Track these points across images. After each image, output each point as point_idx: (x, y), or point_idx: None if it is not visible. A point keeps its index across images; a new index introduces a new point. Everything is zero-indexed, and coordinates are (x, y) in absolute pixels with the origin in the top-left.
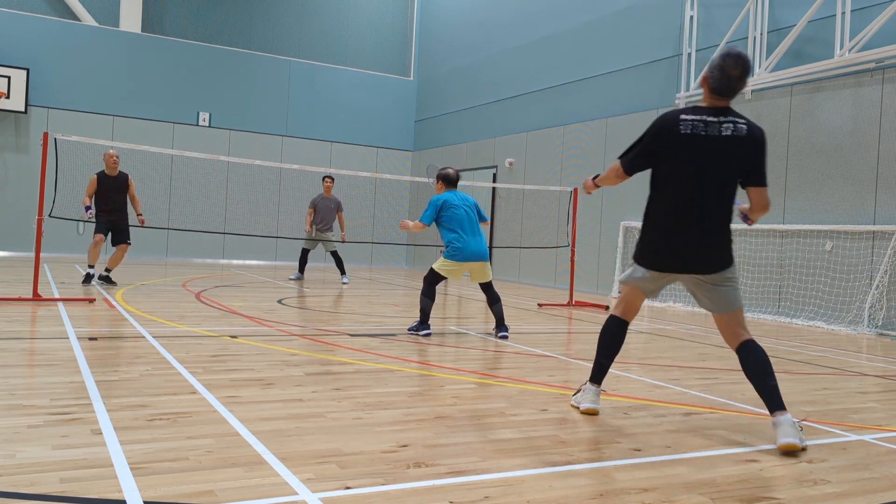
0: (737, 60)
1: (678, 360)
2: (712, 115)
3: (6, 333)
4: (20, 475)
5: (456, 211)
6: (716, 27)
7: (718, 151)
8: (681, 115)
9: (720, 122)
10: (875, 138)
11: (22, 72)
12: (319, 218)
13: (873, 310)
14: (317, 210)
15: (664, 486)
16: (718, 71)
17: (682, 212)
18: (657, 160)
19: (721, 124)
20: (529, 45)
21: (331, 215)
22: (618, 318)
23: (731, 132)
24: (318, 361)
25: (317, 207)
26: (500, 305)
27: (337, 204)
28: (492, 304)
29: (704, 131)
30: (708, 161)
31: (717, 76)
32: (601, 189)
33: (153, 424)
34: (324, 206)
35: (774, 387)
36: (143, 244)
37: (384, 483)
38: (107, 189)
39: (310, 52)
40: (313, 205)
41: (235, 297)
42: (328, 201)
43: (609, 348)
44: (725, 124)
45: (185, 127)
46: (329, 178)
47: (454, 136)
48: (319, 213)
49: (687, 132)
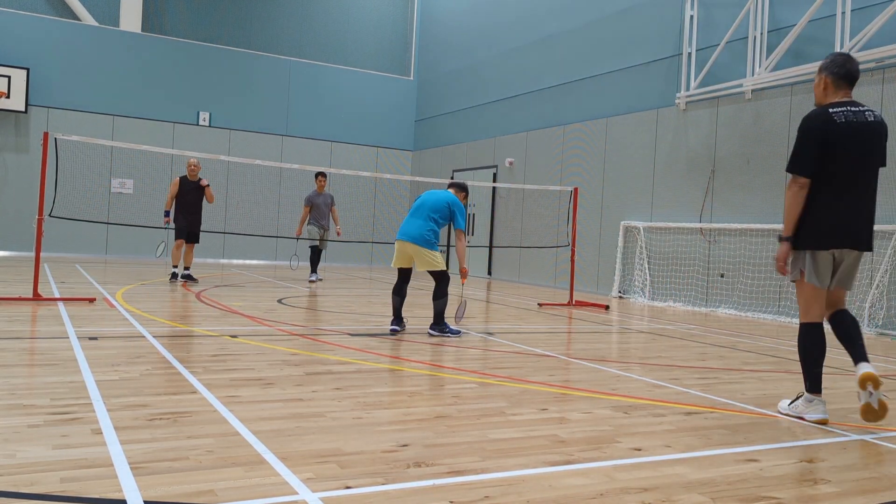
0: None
1: (678, 360)
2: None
3: (6, 333)
4: (20, 475)
5: (417, 201)
6: (716, 27)
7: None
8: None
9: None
10: None
11: (22, 72)
12: (318, 214)
13: (873, 309)
14: (313, 207)
15: (664, 486)
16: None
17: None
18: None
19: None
20: (529, 45)
21: (326, 211)
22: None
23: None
24: (318, 361)
25: (313, 204)
26: (440, 302)
27: (331, 199)
28: (432, 299)
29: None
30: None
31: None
32: (601, 189)
33: (153, 424)
34: (320, 202)
35: (862, 345)
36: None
37: (384, 483)
38: (185, 193)
39: (310, 52)
40: (309, 202)
41: (235, 296)
42: (324, 197)
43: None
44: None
45: (185, 127)
46: (322, 175)
47: (454, 136)
48: (316, 209)
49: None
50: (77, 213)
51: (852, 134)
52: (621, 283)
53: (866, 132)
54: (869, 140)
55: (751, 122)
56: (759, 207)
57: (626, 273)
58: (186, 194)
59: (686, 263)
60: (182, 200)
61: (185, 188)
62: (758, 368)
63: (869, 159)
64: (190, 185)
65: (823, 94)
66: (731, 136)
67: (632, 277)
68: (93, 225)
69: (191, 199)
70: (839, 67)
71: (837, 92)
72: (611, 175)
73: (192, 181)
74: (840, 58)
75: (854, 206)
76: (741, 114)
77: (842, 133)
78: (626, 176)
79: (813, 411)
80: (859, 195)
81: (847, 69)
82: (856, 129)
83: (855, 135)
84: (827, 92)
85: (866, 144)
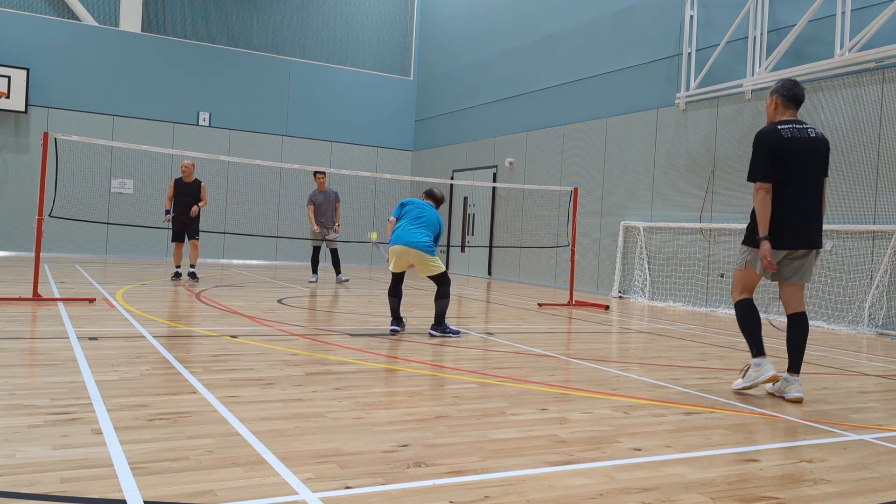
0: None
1: (678, 360)
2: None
3: (6, 333)
4: (20, 475)
5: (411, 209)
6: (716, 27)
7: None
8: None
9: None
10: (875, 138)
11: (22, 72)
12: (321, 212)
13: (873, 309)
14: (316, 206)
15: (664, 486)
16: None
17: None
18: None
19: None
20: (529, 45)
21: (330, 209)
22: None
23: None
24: (318, 361)
25: (315, 203)
26: (443, 303)
27: (335, 195)
28: (435, 300)
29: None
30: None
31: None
32: (601, 189)
33: (153, 424)
34: (322, 200)
35: (802, 356)
36: (143, 244)
37: (384, 483)
38: (180, 195)
39: (310, 52)
40: (311, 201)
41: (235, 297)
42: (326, 195)
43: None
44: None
45: (185, 127)
46: (321, 174)
47: (454, 136)
48: (319, 208)
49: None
50: (77, 213)
51: (798, 147)
52: (621, 283)
53: (810, 146)
54: (813, 152)
55: (751, 122)
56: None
57: (626, 273)
58: (182, 196)
59: (686, 263)
60: (178, 202)
61: (179, 190)
62: None
63: (815, 169)
64: (184, 186)
65: (774, 112)
66: (731, 136)
67: (632, 277)
68: (93, 225)
69: (186, 200)
70: (788, 91)
71: (786, 111)
72: (611, 175)
73: (186, 182)
74: (789, 83)
75: (808, 211)
76: (741, 114)
77: (789, 146)
78: (626, 176)
79: (764, 371)
80: (810, 201)
81: (794, 93)
82: (801, 143)
83: (800, 147)
84: (777, 111)
85: (811, 156)
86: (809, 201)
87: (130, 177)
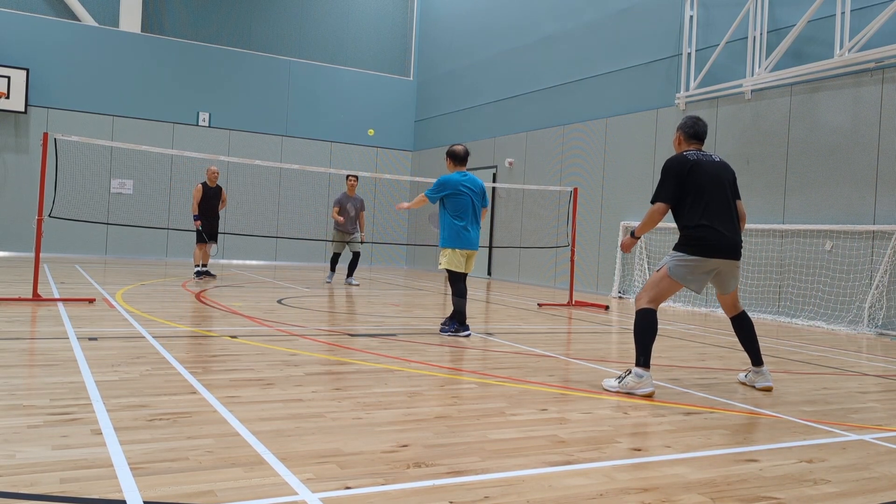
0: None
1: (678, 360)
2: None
3: (6, 333)
4: (20, 475)
5: (464, 199)
6: (715, 27)
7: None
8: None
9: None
10: (875, 138)
11: (22, 72)
12: (345, 217)
13: (873, 309)
14: (341, 209)
15: (664, 486)
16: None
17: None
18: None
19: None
20: (529, 45)
21: (354, 215)
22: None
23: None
24: (318, 361)
25: (342, 206)
26: (462, 301)
27: (361, 203)
28: (462, 296)
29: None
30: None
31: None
32: (601, 189)
33: (153, 424)
34: (350, 205)
35: (758, 347)
36: (143, 244)
37: (384, 483)
38: (208, 199)
39: (310, 52)
40: (339, 203)
41: (235, 297)
42: (354, 201)
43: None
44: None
45: (185, 127)
46: (353, 177)
47: (454, 136)
48: (344, 213)
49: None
50: (77, 213)
51: (705, 165)
52: (621, 284)
53: (716, 168)
54: (719, 175)
55: (750, 122)
56: (759, 207)
57: (625, 273)
58: (209, 199)
59: None
60: (205, 206)
61: (207, 194)
62: None
63: (725, 189)
64: (211, 190)
65: (679, 146)
66: (731, 136)
67: (632, 277)
68: (92, 225)
69: (213, 203)
70: (689, 128)
71: (689, 146)
72: (611, 175)
73: (211, 187)
74: (690, 120)
75: (723, 221)
76: (741, 114)
77: (696, 166)
78: (626, 176)
79: (644, 386)
80: (730, 218)
81: (695, 130)
82: (705, 165)
83: (708, 166)
84: (681, 145)
85: (718, 177)
86: (725, 213)
87: (130, 177)
